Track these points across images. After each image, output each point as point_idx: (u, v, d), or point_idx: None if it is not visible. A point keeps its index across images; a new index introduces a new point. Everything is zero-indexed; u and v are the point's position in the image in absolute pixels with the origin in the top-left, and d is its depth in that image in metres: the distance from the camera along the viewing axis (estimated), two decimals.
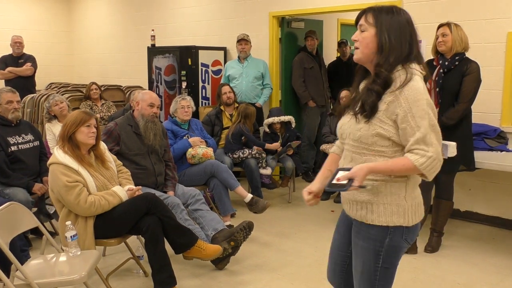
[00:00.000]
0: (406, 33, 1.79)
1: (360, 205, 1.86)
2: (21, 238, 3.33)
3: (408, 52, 1.78)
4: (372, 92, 1.77)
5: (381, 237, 1.82)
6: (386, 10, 1.82)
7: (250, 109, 5.15)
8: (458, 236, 4.22)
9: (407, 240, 1.85)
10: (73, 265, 2.73)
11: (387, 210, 1.81)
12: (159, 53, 6.42)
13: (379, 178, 1.79)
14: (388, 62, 1.76)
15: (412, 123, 1.70)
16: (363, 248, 1.87)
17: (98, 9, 8.60)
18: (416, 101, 1.70)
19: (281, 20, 6.06)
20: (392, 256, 1.85)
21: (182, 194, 3.85)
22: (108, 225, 3.02)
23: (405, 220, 1.81)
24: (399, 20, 1.80)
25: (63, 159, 2.93)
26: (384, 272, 1.85)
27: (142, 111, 3.76)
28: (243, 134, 5.06)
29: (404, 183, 1.80)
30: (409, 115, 1.70)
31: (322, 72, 6.13)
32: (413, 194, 1.83)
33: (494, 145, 4.18)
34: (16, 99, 4.00)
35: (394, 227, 1.81)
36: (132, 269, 3.59)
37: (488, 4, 4.33)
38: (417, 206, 1.85)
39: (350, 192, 1.85)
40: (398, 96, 1.72)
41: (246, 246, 3.75)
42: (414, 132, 1.70)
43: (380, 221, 1.81)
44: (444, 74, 3.65)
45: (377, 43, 1.78)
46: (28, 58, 6.94)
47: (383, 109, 1.75)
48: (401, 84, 1.72)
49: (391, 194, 1.80)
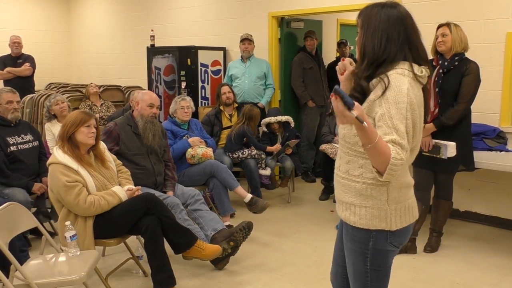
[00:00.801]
0: (381, 32, 1.71)
1: (345, 206, 1.84)
2: (20, 238, 3.33)
3: (385, 54, 1.71)
4: (353, 98, 1.71)
5: (365, 240, 1.80)
6: (373, 8, 1.75)
7: (254, 110, 5.14)
8: (457, 236, 4.22)
9: (393, 244, 1.80)
10: (72, 265, 2.73)
11: (368, 213, 1.77)
12: (159, 53, 6.42)
13: (360, 181, 1.77)
14: (360, 68, 1.72)
15: (389, 123, 1.63)
16: (351, 249, 1.86)
17: (97, 9, 8.60)
18: (396, 103, 1.64)
19: (281, 20, 6.06)
20: (379, 259, 1.82)
21: (181, 194, 3.85)
22: (107, 225, 3.02)
23: (388, 225, 1.77)
24: (378, 17, 1.72)
25: (62, 159, 2.92)
26: (374, 274, 1.83)
27: (141, 111, 3.76)
28: (246, 136, 5.05)
29: (385, 187, 1.75)
30: (387, 115, 1.63)
31: (321, 72, 6.13)
32: (397, 198, 1.77)
33: (494, 145, 4.18)
34: (16, 99, 4.01)
35: (376, 231, 1.78)
36: (131, 269, 3.59)
37: (487, 5, 4.33)
38: (404, 209, 1.79)
39: (339, 191, 1.86)
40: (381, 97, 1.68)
41: (245, 246, 3.75)
42: (390, 132, 1.62)
43: (361, 223, 1.79)
44: (443, 74, 3.65)
45: (359, 46, 1.77)
46: (27, 58, 6.94)
47: (365, 107, 1.70)
48: (383, 91, 1.67)
49: (373, 198, 1.76)
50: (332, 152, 5.02)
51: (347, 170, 1.82)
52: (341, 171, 1.85)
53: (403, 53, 1.73)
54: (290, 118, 5.41)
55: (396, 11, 1.74)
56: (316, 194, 5.49)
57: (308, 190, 5.76)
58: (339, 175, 1.87)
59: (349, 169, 1.81)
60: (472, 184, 4.56)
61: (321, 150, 5.20)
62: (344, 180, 1.83)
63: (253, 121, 5.11)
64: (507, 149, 4.15)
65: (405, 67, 1.72)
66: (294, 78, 6.04)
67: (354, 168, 1.79)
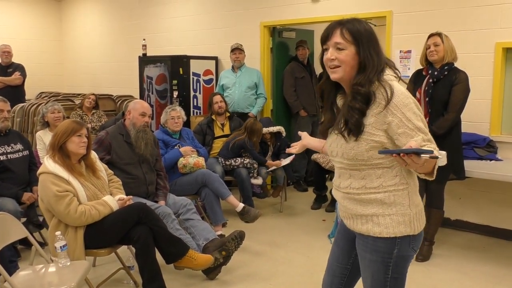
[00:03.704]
0: (377, 44, 1.79)
1: (365, 219, 1.84)
2: (10, 249, 3.29)
3: (383, 62, 1.79)
4: (354, 110, 1.74)
5: (389, 248, 1.81)
6: (354, 22, 1.79)
7: (257, 125, 5.12)
8: (448, 245, 4.24)
9: (414, 248, 1.84)
10: (62, 275, 2.70)
11: (393, 221, 1.79)
12: (151, 63, 6.42)
13: (381, 191, 1.79)
14: (369, 79, 1.75)
15: (410, 126, 1.69)
16: (371, 261, 1.85)
17: (89, 18, 8.60)
18: (406, 105, 1.70)
19: (272, 30, 6.10)
20: (400, 266, 1.84)
21: (173, 203, 3.84)
22: (98, 235, 3.00)
23: (412, 229, 1.80)
24: (369, 31, 1.79)
25: (53, 169, 2.91)
26: (394, 282, 1.85)
27: (133, 120, 3.75)
28: (245, 149, 5.05)
29: (407, 191, 1.79)
30: (405, 120, 1.69)
31: (313, 82, 6.16)
32: (416, 202, 1.83)
33: (484, 154, 4.22)
34: (6, 108, 3.99)
35: (401, 237, 1.80)
36: (122, 280, 3.55)
37: (476, 15, 4.39)
38: (420, 213, 1.85)
39: (353, 207, 1.85)
40: (386, 106, 1.71)
41: (237, 255, 3.74)
42: (416, 133, 1.69)
43: (388, 232, 1.79)
44: (433, 84, 3.69)
45: (359, 61, 1.77)
46: (17, 67, 6.90)
47: (372, 122, 1.73)
48: (387, 100, 1.71)
49: (396, 205, 1.79)
50: (324, 162, 5.04)
51: (363, 186, 1.82)
52: (354, 189, 1.84)
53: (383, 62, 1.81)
54: (281, 128, 5.42)
55: (368, 26, 1.82)
56: (308, 203, 5.49)
57: (300, 199, 5.76)
58: (351, 193, 1.86)
59: (365, 184, 1.81)
60: (463, 193, 4.59)
61: (313, 159, 5.21)
62: (361, 195, 1.83)
63: (255, 135, 5.09)
64: (497, 158, 4.19)
65: (390, 72, 1.80)
66: (286, 87, 6.06)
67: (372, 180, 1.80)
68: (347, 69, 1.78)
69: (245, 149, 5.05)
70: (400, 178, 1.79)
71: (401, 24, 4.86)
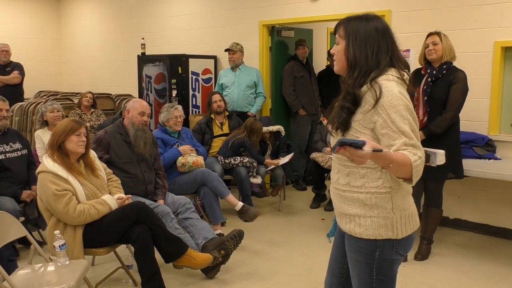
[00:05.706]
0: (376, 44, 1.77)
1: (348, 218, 1.84)
2: (8, 248, 3.29)
3: (376, 64, 1.76)
4: (343, 108, 1.77)
5: (371, 250, 1.80)
6: (356, 20, 1.80)
7: (257, 124, 5.13)
8: (447, 244, 4.24)
9: (399, 252, 1.81)
10: (61, 275, 2.70)
11: (374, 223, 1.77)
12: (149, 62, 6.42)
13: (363, 191, 1.78)
14: (353, 77, 1.75)
15: (393, 128, 1.67)
16: (356, 260, 1.85)
17: (88, 17, 8.59)
18: (393, 107, 1.68)
19: (271, 29, 6.09)
20: (385, 269, 1.82)
21: (172, 202, 3.84)
22: (97, 234, 3.00)
23: (394, 233, 1.78)
24: (369, 30, 1.78)
25: (52, 168, 2.90)
26: (380, 283, 1.83)
27: (132, 119, 3.75)
28: (245, 148, 5.05)
29: (390, 195, 1.76)
30: (389, 121, 1.67)
31: (312, 81, 6.16)
32: (402, 206, 1.79)
33: (482, 153, 4.22)
34: (5, 107, 3.99)
35: (382, 240, 1.78)
36: (121, 279, 3.56)
37: (475, 14, 4.39)
38: (408, 217, 1.81)
39: (340, 204, 1.85)
40: (375, 105, 1.71)
41: (236, 254, 3.74)
42: (398, 136, 1.66)
43: (367, 234, 1.78)
44: (432, 82, 3.69)
45: (346, 56, 1.79)
46: (15, 66, 6.89)
47: (359, 119, 1.74)
48: (375, 99, 1.70)
49: (378, 207, 1.77)
50: (323, 161, 5.04)
51: (347, 182, 1.82)
52: (340, 184, 1.85)
53: (389, 62, 1.79)
54: (281, 128, 5.42)
55: (380, 24, 1.81)
56: (307, 202, 5.49)
57: (299, 198, 5.77)
58: (339, 189, 1.87)
59: (350, 181, 1.81)
60: (461, 192, 4.59)
61: (312, 158, 5.21)
62: (346, 193, 1.83)
63: (255, 134, 5.10)
64: (496, 157, 4.19)
65: (391, 73, 1.77)
66: (285, 86, 6.06)
67: (356, 179, 1.80)
68: (340, 63, 1.83)
69: (244, 148, 5.06)
70: (384, 181, 1.76)
71: (399, 23, 4.86)
